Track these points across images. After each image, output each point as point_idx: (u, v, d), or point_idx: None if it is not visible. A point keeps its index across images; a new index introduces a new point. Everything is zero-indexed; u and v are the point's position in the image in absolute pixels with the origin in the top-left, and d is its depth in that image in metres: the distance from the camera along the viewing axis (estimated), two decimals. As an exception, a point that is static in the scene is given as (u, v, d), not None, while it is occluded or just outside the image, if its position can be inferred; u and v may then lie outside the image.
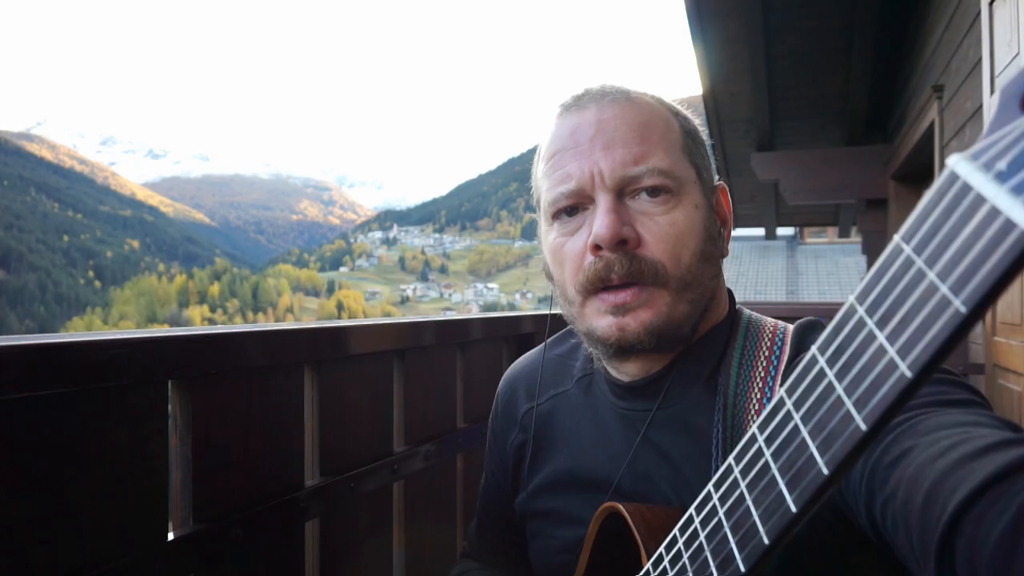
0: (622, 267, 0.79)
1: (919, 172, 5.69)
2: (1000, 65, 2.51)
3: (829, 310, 3.14)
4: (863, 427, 0.39)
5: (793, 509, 0.43)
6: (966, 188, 0.36)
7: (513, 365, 1.13)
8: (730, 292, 0.94)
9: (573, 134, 0.84)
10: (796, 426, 0.45)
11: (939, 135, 4.21)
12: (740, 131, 6.49)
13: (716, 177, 0.91)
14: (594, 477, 0.90)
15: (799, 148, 6.61)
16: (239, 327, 1.05)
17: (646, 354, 0.85)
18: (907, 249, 0.39)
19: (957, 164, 0.37)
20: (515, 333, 1.88)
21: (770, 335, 0.86)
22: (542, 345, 1.08)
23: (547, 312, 1.09)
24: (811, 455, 0.43)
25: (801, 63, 5.15)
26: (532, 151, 0.98)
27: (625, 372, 0.89)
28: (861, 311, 0.42)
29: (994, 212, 0.34)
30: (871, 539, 0.62)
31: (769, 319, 0.90)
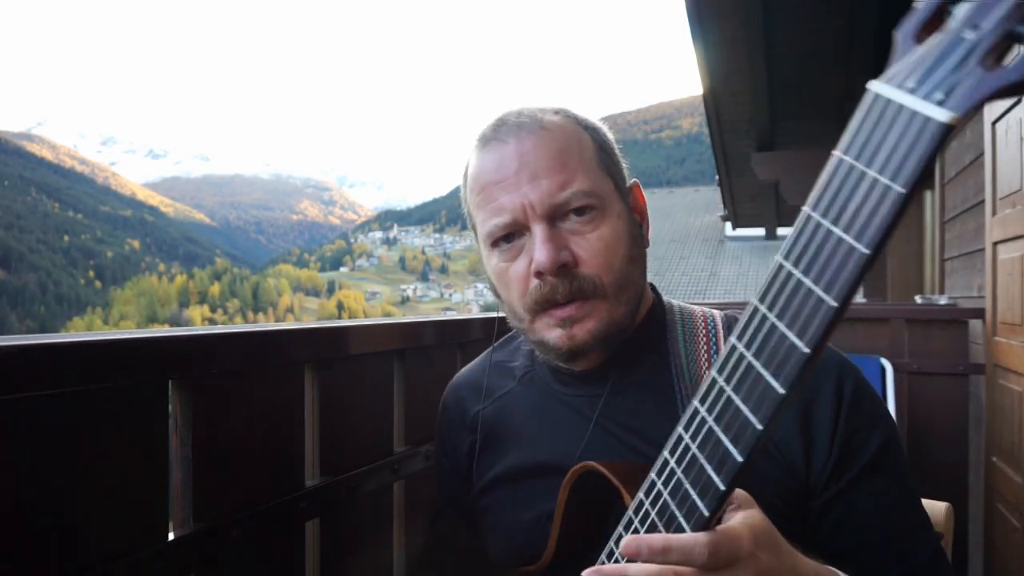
0: (565, 288, 0.87)
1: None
2: (1000, 65, 2.51)
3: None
4: (834, 304, 0.48)
5: (781, 391, 0.51)
6: (887, 102, 0.47)
7: (456, 375, 1.19)
8: (652, 284, 1.03)
9: (499, 168, 0.90)
10: (771, 323, 0.52)
11: (939, 135, 4.21)
12: (740, 131, 6.48)
13: (628, 178, 1.00)
14: (549, 464, 0.95)
15: (799, 148, 6.60)
16: (239, 327, 1.05)
17: (593, 353, 0.93)
18: (847, 159, 0.49)
19: (875, 87, 0.49)
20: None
21: (702, 319, 0.99)
22: (485, 352, 1.16)
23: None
24: (790, 342, 0.50)
25: (801, 63, 5.14)
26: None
27: (575, 366, 0.97)
28: (816, 216, 0.50)
29: (912, 114, 0.45)
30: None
31: (696, 307, 1.02)
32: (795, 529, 0.80)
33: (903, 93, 0.47)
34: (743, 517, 0.63)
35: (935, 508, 1.11)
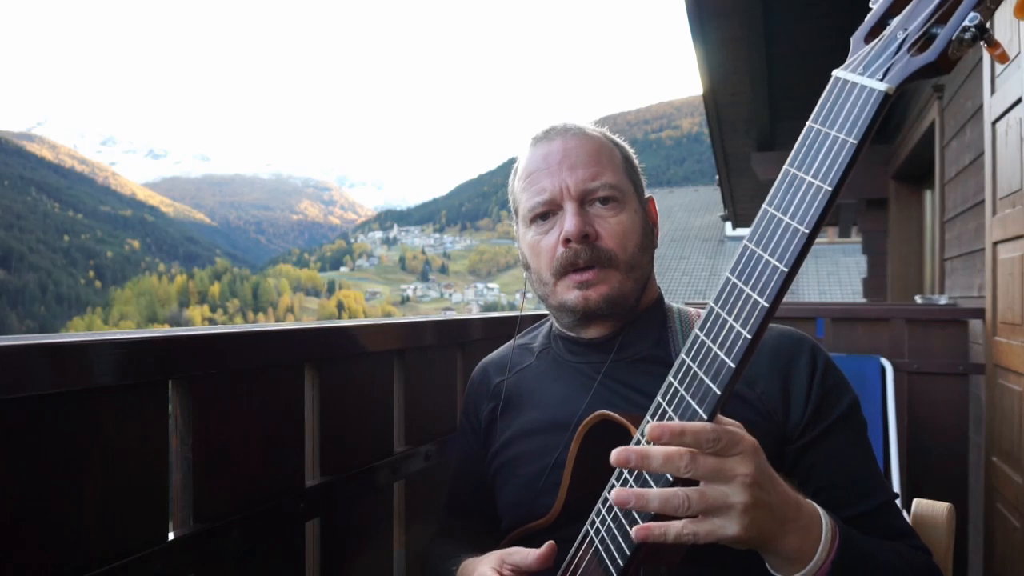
0: (586, 254, 1.06)
1: (919, 172, 5.69)
2: (1000, 66, 2.51)
3: (829, 310, 3.13)
4: (806, 231, 0.65)
5: (766, 305, 0.67)
6: (844, 82, 0.68)
7: (485, 358, 1.35)
8: (659, 286, 1.20)
9: (545, 158, 1.11)
10: (758, 254, 0.69)
11: (939, 135, 4.21)
12: (740, 131, 6.47)
13: (646, 192, 1.21)
14: (557, 421, 1.10)
15: (799, 148, 6.59)
16: (239, 327, 1.05)
17: (603, 320, 1.11)
18: (815, 125, 0.69)
19: (837, 73, 0.69)
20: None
21: (697, 316, 1.15)
22: (512, 339, 1.34)
23: (542, 312, 1.29)
24: (772, 265, 0.67)
25: (801, 63, 5.14)
26: (533, 151, 1.13)
27: (586, 334, 1.14)
28: (792, 169, 0.69)
29: (861, 87, 0.66)
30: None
31: (692, 309, 1.18)
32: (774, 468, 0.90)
33: (855, 75, 0.67)
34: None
35: (935, 508, 1.11)
